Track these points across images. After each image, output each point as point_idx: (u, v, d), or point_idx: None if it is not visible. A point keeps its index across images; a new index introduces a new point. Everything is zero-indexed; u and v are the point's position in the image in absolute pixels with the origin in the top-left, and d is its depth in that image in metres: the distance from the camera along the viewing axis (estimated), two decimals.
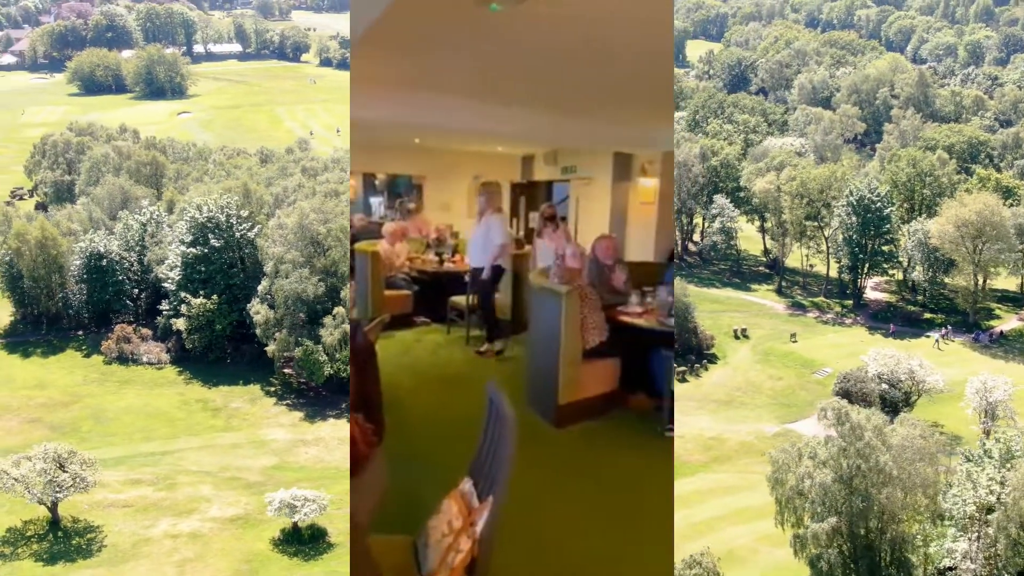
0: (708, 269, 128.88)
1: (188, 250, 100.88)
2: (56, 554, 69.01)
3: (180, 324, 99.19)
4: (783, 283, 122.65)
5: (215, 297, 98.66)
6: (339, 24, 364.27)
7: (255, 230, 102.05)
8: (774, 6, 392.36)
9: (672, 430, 48.74)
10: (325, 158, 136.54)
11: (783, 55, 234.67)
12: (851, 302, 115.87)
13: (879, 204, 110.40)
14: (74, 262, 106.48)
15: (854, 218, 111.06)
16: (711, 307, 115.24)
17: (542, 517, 37.62)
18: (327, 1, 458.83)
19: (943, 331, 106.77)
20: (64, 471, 70.69)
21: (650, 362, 51.05)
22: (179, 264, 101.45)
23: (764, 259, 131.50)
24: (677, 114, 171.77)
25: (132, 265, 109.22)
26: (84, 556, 68.76)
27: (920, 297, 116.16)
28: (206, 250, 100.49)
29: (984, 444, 65.35)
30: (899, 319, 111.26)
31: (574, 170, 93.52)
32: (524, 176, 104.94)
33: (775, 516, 62.40)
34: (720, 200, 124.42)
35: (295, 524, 70.92)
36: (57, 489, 70.18)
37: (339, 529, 71.68)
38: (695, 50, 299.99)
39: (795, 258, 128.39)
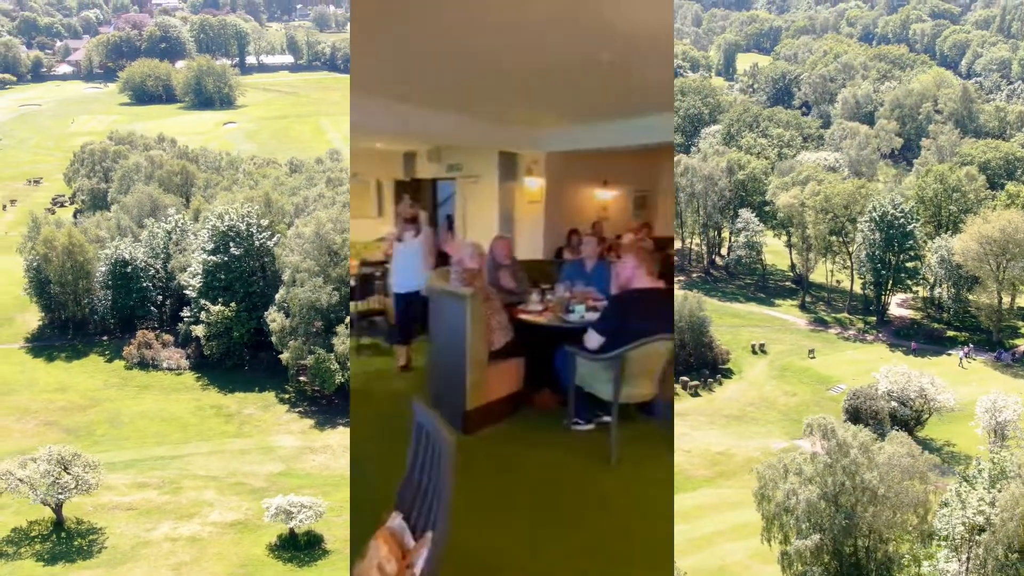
0: (734, 283, 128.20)
1: (209, 258, 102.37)
2: (57, 554, 70.26)
3: (199, 331, 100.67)
4: (808, 299, 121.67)
5: (233, 304, 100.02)
6: None
7: (275, 239, 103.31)
8: (828, 20, 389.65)
9: (578, 424, 48.10)
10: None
11: (829, 69, 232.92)
12: (874, 318, 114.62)
13: (902, 220, 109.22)
14: (100, 268, 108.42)
15: (877, 234, 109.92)
16: (732, 322, 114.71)
17: (508, 546, 35.31)
18: None
19: (965, 349, 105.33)
20: (68, 473, 72.02)
21: (555, 359, 50.23)
22: (200, 272, 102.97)
23: (791, 274, 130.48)
24: (712, 128, 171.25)
25: (157, 272, 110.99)
26: (84, 557, 69.93)
27: (945, 315, 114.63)
28: (226, 258, 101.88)
29: (979, 464, 64.48)
30: (922, 336, 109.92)
31: (459, 168, 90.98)
32: (407, 174, 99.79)
33: (761, 532, 62.05)
34: (745, 214, 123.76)
35: (292, 530, 71.64)
36: (60, 491, 71.50)
37: (336, 536, 72.29)
38: (745, 63, 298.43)
39: (821, 273, 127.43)
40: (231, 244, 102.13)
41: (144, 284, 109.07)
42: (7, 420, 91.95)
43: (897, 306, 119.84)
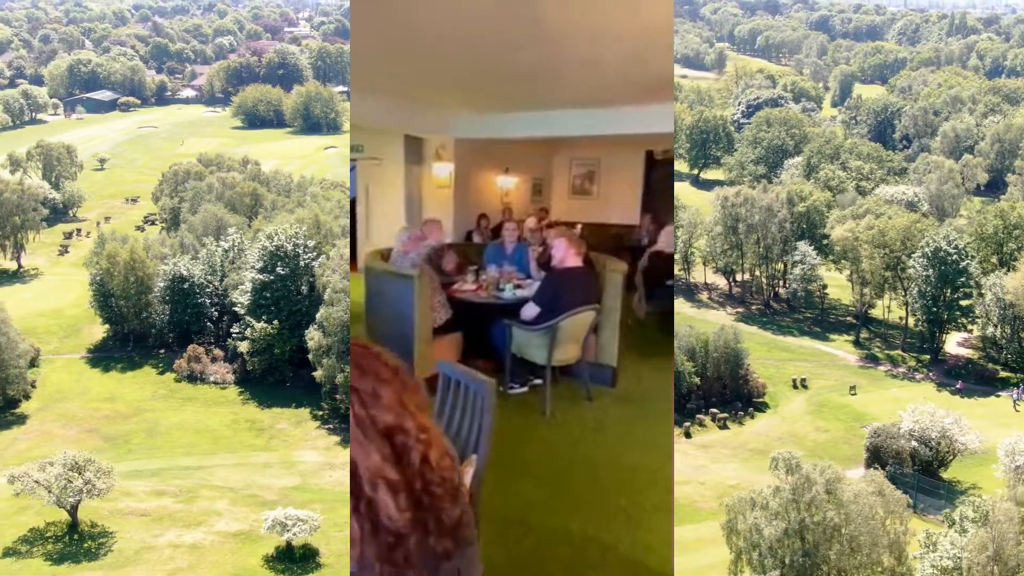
0: (792, 317, 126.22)
1: (258, 276, 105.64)
2: (65, 555, 73.40)
3: (243, 347, 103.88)
4: (865, 335, 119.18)
5: (276, 322, 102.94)
6: None
7: (319, 259, 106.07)
8: (954, 52, 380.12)
9: (513, 388, 53.39)
10: None
11: (936, 102, 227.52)
12: (928, 357, 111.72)
13: (955, 257, 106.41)
14: (159, 284, 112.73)
15: (930, 270, 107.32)
16: (780, 355, 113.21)
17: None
18: None
19: (1017, 390, 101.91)
20: (80, 476, 75.17)
21: (491, 332, 54.40)
22: (250, 289, 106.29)
23: (853, 309, 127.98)
24: (793, 160, 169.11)
25: (215, 289, 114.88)
26: (90, 559, 72.88)
27: (1002, 354, 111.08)
28: (272, 277, 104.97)
29: (962, 504, 62.79)
30: (973, 376, 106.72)
31: (360, 150, 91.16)
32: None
33: (729, 566, 61.40)
34: (803, 247, 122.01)
35: (288, 543, 73.46)
36: (73, 494, 74.69)
37: (332, 550, 73.85)
38: (863, 94, 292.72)
39: (882, 309, 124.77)
40: (278, 264, 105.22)
41: (200, 300, 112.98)
42: (53, 426, 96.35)
43: (957, 344, 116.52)
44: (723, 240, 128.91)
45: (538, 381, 52.98)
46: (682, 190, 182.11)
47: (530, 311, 51.51)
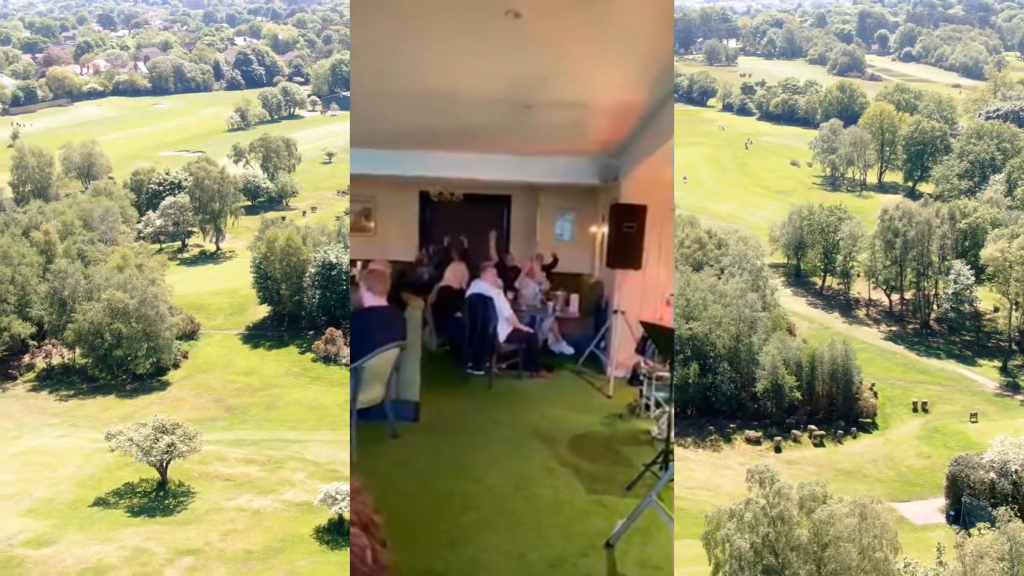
0: (945, 339, 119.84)
1: None
2: (143, 509, 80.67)
3: None
4: (1018, 361, 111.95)
5: None
6: (789, 70, 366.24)
7: None
8: None
9: None
10: None
11: None
12: None
13: None
14: (310, 270, 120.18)
15: None
16: (914, 377, 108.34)
17: None
18: (778, 48, 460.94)
19: None
20: (166, 437, 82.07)
21: None
22: None
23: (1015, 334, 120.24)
24: (995, 176, 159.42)
25: None
26: (164, 514, 79.80)
27: None
28: None
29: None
30: None
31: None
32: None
33: None
34: (958, 265, 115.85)
35: (339, 515, 77.82)
36: (157, 454, 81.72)
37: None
38: None
39: None
40: None
41: (345, 287, 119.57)
42: (188, 394, 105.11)
43: None
44: (883, 255, 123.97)
45: None
46: (846, 200, 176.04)
47: None
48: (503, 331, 67.58)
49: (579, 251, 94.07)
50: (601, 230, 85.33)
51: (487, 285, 68.93)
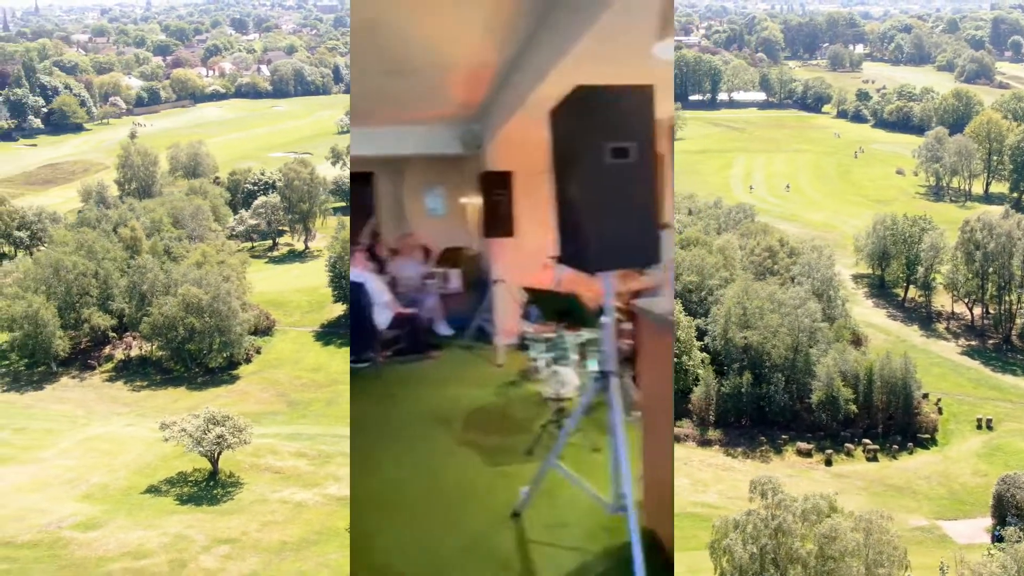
0: (1023, 355, 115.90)
1: None
2: (192, 498, 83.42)
3: None
4: None
5: None
6: (914, 76, 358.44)
7: None
8: None
9: None
10: None
11: None
12: None
13: None
14: None
15: None
16: (984, 394, 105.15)
17: None
18: (906, 54, 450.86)
19: None
20: (216, 428, 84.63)
21: None
22: None
23: None
24: None
25: None
26: (210, 503, 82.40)
27: None
28: None
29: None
30: None
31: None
32: None
33: None
34: None
35: None
36: (207, 444, 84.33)
37: None
38: None
39: None
40: None
41: None
42: (256, 387, 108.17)
43: None
44: (965, 267, 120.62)
45: None
46: (948, 210, 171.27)
47: None
48: (384, 318, 67.91)
49: (455, 224, 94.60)
50: (473, 201, 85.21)
51: (357, 271, 68.95)
